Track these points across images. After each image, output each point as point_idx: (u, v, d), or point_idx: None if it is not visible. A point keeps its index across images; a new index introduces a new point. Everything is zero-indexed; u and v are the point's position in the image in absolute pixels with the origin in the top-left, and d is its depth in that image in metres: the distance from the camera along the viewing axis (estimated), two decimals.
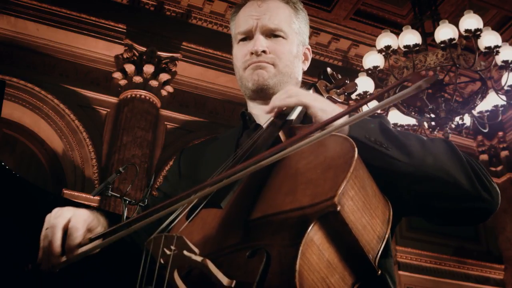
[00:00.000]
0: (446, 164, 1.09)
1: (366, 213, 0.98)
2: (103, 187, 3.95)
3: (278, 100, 1.18)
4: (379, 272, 0.96)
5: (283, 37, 1.40)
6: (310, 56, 1.52)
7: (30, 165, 6.93)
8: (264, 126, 1.25)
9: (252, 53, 1.37)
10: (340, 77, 1.41)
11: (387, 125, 1.16)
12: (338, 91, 1.36)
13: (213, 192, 1.00)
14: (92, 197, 5.48)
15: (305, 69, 1.50)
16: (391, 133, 1.13)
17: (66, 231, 1.12)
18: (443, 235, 8.37)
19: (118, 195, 4.10)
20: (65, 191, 6.35)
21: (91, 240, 1.11)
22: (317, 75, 1.43)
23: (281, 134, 1.19)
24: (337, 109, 1.15)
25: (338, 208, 0.90)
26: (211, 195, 1.03)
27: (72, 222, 1.12)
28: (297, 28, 1.44)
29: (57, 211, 1.16)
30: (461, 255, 8.42)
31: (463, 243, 8.58)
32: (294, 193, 0.99)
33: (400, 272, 7.79)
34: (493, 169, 9.21)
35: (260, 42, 1.37)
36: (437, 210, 1.12)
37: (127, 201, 3.90)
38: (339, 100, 1.36)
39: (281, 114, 1.24)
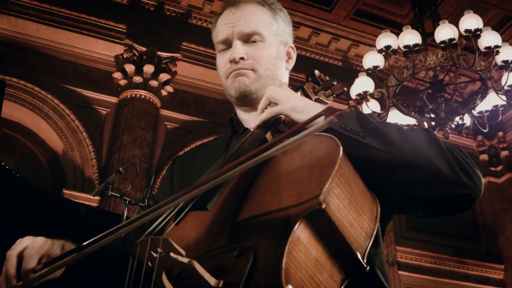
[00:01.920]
0: (425, 151, 1.08)
1: (352, 210, 0.99)
2: (103, 187, 3.95)
3: (256, 119, 1.22)
4: (368, 269, 0.96)
5: (260, 41, 1.40)
6: (294, 54, 1.51)
7: (30, 165, 6.93)
8: (252, 129, 1.26)
9: (231, 61, 1.38)
10: (327, 78, 1.42)
11: (364, 115, 1.16)
12: (326, 92, 1.37)
13: (199, 194, 1.01)
14: (92, 197, 5.48)
15: (290, 68, 1.49)
16: (368, 122, 1.13)
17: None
18: (443, 235, 8.38)
19: (118, 195, 4.10)
20: (65, 191, 6.35)
21: (46, 265, 1.17)
22: (305, 78, 1.44)
23: (268, 136, 1.20)
24: (312, 106, 1.17)
25: (323, 206, 0.91)
26: (198, 197, 1.04)
27: (27, 249, 1.20)
28: (275, 29, 1.44)
29: (18, 241, 1.24)
30: (461, 255, 8.42)
31: (463, 243, 8.59)
32: (280, 193, 1.00)
33: (400, 272, 7.79)
34: (493, 169, 9.22)
35: (237, 49, 1.37)
36: (419, 198, 1.11)
37: (127, 201, 3.90)
38: (327, 101, 1.36)
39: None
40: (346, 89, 1.36)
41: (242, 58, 1.37)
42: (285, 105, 1.17)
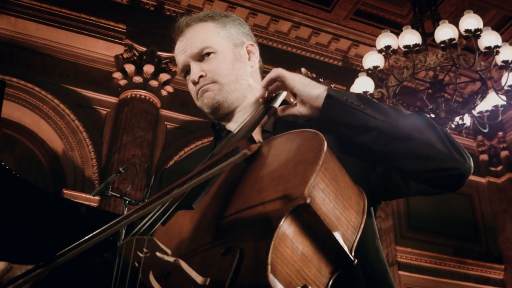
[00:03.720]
0: (420, 126, 1.15)
1: (339, 204, 0.99)
2: (103, 187, 3.95)
3: (263, 81, 1.29)
4: (355, 262, 0.97)
5: (212, 52, 1.43)
6: (256, 50, 1.53)
7: (30, 165, 6.92)
8: (235, 131, 1.28)
9: (193, 83, 1.44)
10: (314, 75, 1.43)
11: (363, 95, 1.24)
12: None
13: (184, 194, 1.02)
14: (92, 197, 5.48)
15: (254, 65, 1.51)
16: (368, 99, 1.21)
17: None
18: (443, 235, 8.38)
19: (118, 195, 4.10)
20: (65, 191, 6.35)
21: (5, 285, 1.19)
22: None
23: (255, 134, 1.21)
24: (315, 83, 1.23)
25: (308, 201, 0.91)
26: (183, 197, 1.05)
27: None
28: (225, 35, 1.47)
29: None
30: (461, 255, 8.41)
31: (463, 243, 8.58)
32: (266, 189, 1.01)
33: (400, 272, 7.79)
34: (493, 169, 9.21)
35: (194, 70, 1.42)
36: (412, 171, 1.16)
37: (127, 201, 3.90)
38: None
39: (263, 107, 1.28)
40: (332, 86, 1.38)
41: (201, 76, 1.42)
42: (291, 76, 1.23)
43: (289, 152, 1.05)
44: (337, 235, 0.96)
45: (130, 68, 7.24)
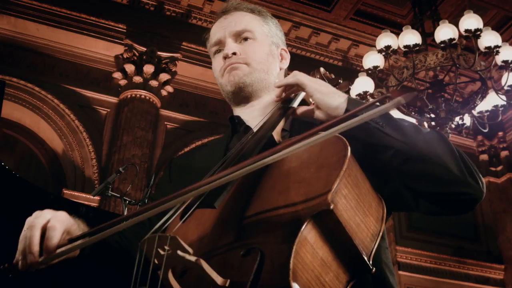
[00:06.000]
0: (437, 148, 1.14)
1: (359, 211, 0.99)
2: (103, 187, 3.95)
3: (278, 82, 1.28)
4: (373, 270, 0.96)
5: (252, 38, 1.45)
6: (288, 57, 1.55)
7: (30, 165, 6.93)
8: (255, 128, 1.26)
9: (224, 58, 1.43)
10: (333, 76, 1.43)
11: None
12: None
13: (206, 192, 1.01)
14: (92, 197, 5.48)
15: (284, 67, 1.53)
16: (387, 115, 1.18)
17: (45, 232, 1.12)
18: (443, 235, 8.38)
19: (118, 195, 4.11)
20: (65, 191, 6.35)
21: (70, 241, 1.11)
22: (310, 75, 1.44)
23: (274, 134, 1.20)
24: (335, 91, 1.21)
25: (331, 207, 0.90)
26: (205, 195, 1.04)
27: (51, 222, 1.13)
28: (266, 30, 1.50)
29: (37, 213, 1.17)
30: (461, 255, 8.42)
31: (463, 243, 8.58)
32: (287, 192, 0.99)
33: (400, 272, 7.79)
34: (493, 169, 9.21)
35: (230, 45, 1.43)
36: (425, 192, 1.15)
37: (127, 201, 3.91)
38: None
39: (282, 107, 1.26)
40: (350, 87, 1.37)
41: (234, 54, 1.41)
42: (311, 84, 1.22)
43: (311, 155, 1.04)
44: (357, 242, 0.95)
45: (130, 68, 7.24)
